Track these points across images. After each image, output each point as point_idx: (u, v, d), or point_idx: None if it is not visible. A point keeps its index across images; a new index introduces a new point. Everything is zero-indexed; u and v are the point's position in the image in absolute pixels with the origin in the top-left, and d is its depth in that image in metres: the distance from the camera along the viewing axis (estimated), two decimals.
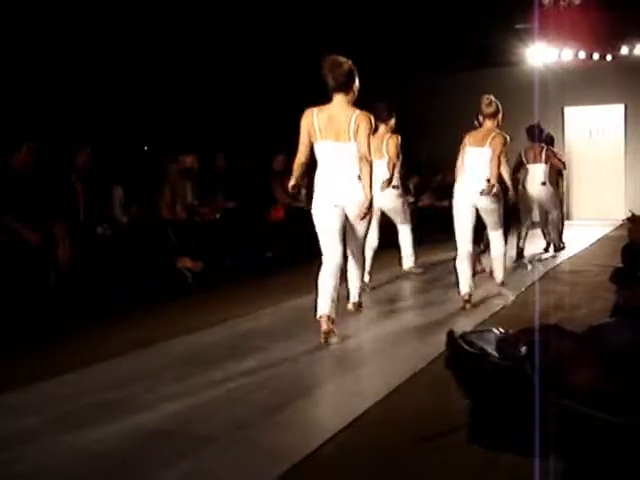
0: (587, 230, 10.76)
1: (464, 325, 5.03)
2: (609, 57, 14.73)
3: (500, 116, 6.53)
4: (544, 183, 9.08)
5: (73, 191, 6.35)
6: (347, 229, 5.21)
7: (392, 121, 7.45)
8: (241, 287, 7.21)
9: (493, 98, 6.58)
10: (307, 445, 2.87)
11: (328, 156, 4.95)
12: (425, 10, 14.46)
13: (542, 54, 14.09)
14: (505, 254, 6.77)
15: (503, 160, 6.54)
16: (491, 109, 6.50)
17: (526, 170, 9.06)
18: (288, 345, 4.67)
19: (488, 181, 6.04)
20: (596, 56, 14.68)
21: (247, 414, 3.32)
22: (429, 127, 13.80)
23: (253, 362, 4.26)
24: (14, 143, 5.87)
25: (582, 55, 14.54)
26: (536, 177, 9.04)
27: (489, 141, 6.28)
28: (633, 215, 3.63)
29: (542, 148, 9.11)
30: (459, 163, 6.42)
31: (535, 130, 9.17)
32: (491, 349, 0.95)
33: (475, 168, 6.26)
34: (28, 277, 5.48)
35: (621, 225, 12.12)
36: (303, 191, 9.96)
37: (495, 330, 1.03)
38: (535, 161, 9.04)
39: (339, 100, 4.93)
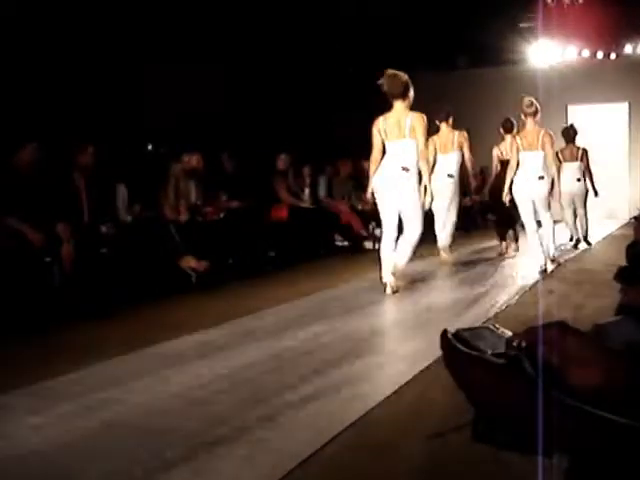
0: (591, 228, 10.73)
1: (466, 322, 5.03)
2: (613, 55, 14.71)
3: (540, 115, 7.73)
4: (579, 180, 10.07)
5: (77, 191, 6.35)
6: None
7: (450, 120, 8.79)
8: (244, 286, 7.22)
9: (533, 99, 7.78)
10: (312, 444, 2.86)
11: (392, 152, 6.43)
12: (427, 8, 14.44)
13: (546, 52, 14.08)
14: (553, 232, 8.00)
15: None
16: (532, 109, 7.74)
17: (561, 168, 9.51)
18: (292, 343, 4.67)
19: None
20: (600, 54, 14.68)
21: (254, 411, 3.31)
22: (432, 126, 13.78)
23: (258, 360, 4.25)
24: (17, 143, 5.86)
25: (586, 53, 14.53)
26: (573, 174, 9.95)
27: (540, 144, 7.67)
28: None
29: (578, 148, 10.09)
30: (512, 163, 7.88)
31: (570, 131, 10.21)
32: (484, 346, 0.94)
33: (531, 168, 7.73)
34: (32, 277, 5.49)
35: (626, 224, 12.12)
36: (307, 190, 10.04)
37: (490, 327, 1.02)
38: (572, 159, 9.98)
39: (398, 106, 6.39)
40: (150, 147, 10.11)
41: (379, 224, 10.73)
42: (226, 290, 7.04)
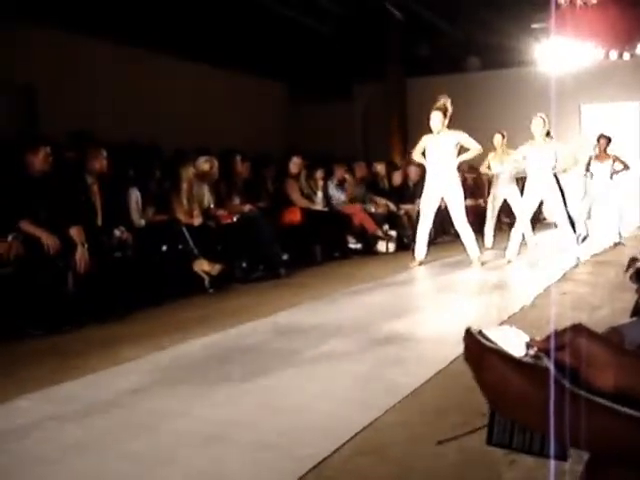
0: (605, 229, 10.71)
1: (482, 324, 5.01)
2: (627, 56, 14.64)
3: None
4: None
5: (90, 194, 6.37)
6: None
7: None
8: (258, 290, 7.22)
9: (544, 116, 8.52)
10: (326, 447, 2.85)
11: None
12: (440, 10, 14.44)
13: (558, 53, 14.02)
14: None
15: None
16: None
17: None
18: (305, 345, 4.66)
19: None
20: (613, 54, 14.60)
21: (266, 414, 3.31)
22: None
23: (273, 364, 4.24)
24: (31, 147, 5.88)
25: (599, 54, 14.46)
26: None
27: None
28: None
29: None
30: None
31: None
32: (505, 346, 0.93)
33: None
34: (46, 281, 5.50)
35: None
36: (319, 193, 10.05)
37: (511, 328, 1.01)
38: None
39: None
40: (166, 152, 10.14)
41: (392, 226, 10.78)
42: (239, 293, 7.06)
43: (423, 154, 8.51)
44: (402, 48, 15.94)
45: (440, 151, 8.29)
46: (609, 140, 10.37)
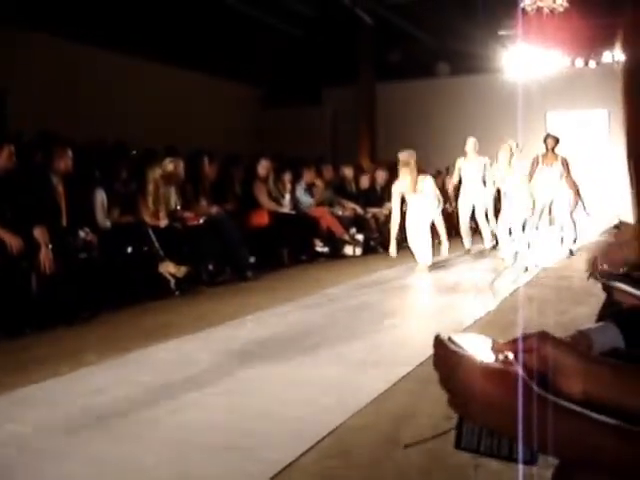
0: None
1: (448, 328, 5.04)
2: (592, 63, 14.83)
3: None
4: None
5: (55, 195, 6.28)
6: None
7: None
8: (224, 293, 7.19)
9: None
10: (293, 450, 2.84)
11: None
12: (410, 14, 14.53)
13: (525, 60, 14.17)
14: None
15: None
16: None
17: None
18: (272, 350, 4.64)
19: None
20: (579, 62, 14.78)
21: (233, 418, 3.29)
22: (407, 133, 13.83)
23: (240, 368, 4.22)
24: None
25: (565, 61, 14.64)
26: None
27: None
28: (620, 222, 3.66)
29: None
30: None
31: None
32: (474, 351, 0.93)
33: None
34: (9, 282, 5.42)
35: (605, 231, 12.18)
36: (287, 196, 10.03)
37: (479, 335, 1.01)
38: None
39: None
40: (134, 152, 10.06)
41: (360, 229, 10.81)
42: (206, 296, 7.01)
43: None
44: (372, 53, 16.01)
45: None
46: (557, 140, 9.99)
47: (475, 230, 10.82)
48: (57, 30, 11.00)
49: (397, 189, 8.56)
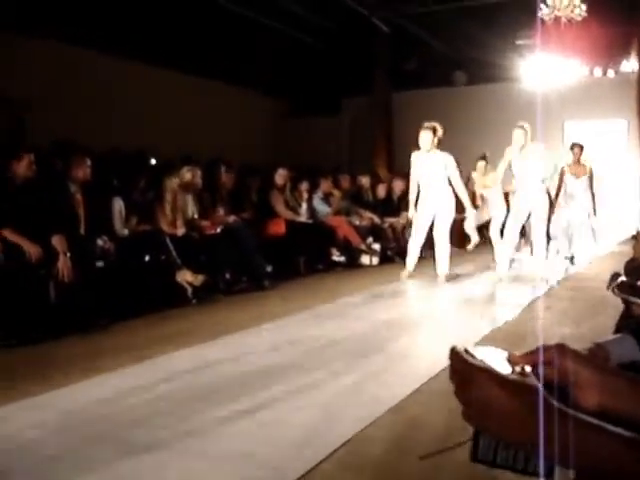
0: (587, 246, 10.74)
1: (465, 338, 5.02)
2: (611, 72, 14.76)
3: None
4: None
5: (73, 203, 6.32)
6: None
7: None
8: (241, 301, 7.20)
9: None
10: (308, 460, 2.83)
11: None
12: (426, 23, 14.54)
13: (543, 69, 14.13)
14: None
15: None
16: None
17: None
18: (285, 359, 4.64)
19: None
20: (597, 72, 14.72)
21: (249, 426, 3.29)
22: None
23: (255, 376, 4.22)
24: (15, 154, 5.84)
25: (583, 70, 14.58)
26: None
27: None
28: (638, 232, 3.64)
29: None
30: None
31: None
32: (491, 363, 0.93)
33: None
34: (28, 290, 5.45)
35: (624, 241, 12.11)
36: (304, 205, 10.04)
37: (495, 348, 1.00)
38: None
39: None
40: (154, 161, 10.11)
41: (376, 239, 10.80)
42: (222, 305, 7.03)
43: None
44: (389, 62, 16.02)
45: (431, 170, 8.32)
46: (582, 148, 9.88)
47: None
48: (75, 39, 11.08)
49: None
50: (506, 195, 10.09)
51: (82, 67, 11.42)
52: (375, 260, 10.52)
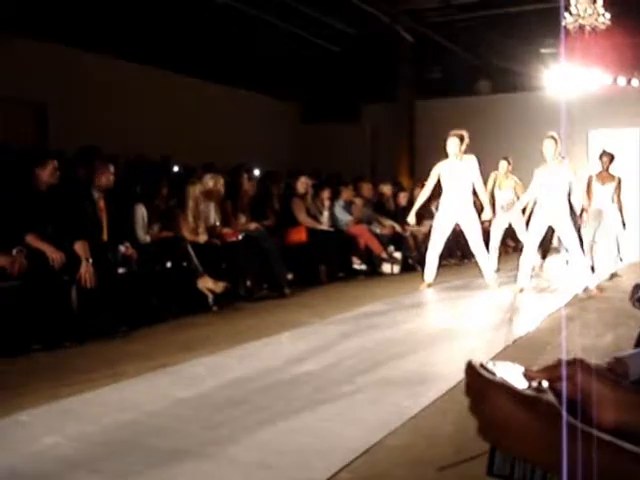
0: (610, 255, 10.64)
1: (488, 349, 5.00)
2: (635, 81, 14.65)
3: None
4: None
5: (96, 210, 6.37)
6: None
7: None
8: (262, 309, 7.21)
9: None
10: (325, 470, 2.83)
11: None
12: (450, 32, 14.53)
13: (567, 78, 14.04)
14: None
15: None
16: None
17: None
18: (307, 368, 4.64)
19: None
20: (622, 80, 14.62)
21: (266, 437, 3.29)
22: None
23: (275, 385, 4.23)
24: (39, 161, 5.90)
25: (607, 79, 14.47)
26: None
27: None
28: None
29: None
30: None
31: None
32: (508, 379, 0.92)
33: None
34: (50, 296, 5.50)
35: None
36: (325, 213, 10.05)
37: (512, 363, 1.00)
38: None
39: None
40: (176, 168, 10.18)
41: (398, 247, 10.78)
42: (243, 312, 7.04)
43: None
44: (412, 70, 16.01)
45: (457, 177, 8.31)
46: (612, 158, 9.64)
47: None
48: (98, 46, 11.19)
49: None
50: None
51: (105, 74, 11.52)
52: (396, 269, 10.50)
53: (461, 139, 8.31)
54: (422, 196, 8.89)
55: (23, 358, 4.99)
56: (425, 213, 11.17)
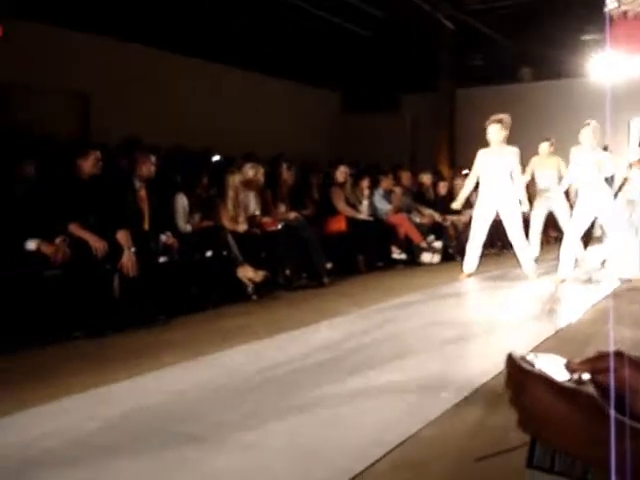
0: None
1: (527, 339, 4.96)
2: None
3: None
4: None
5: (138, 199, 6.44)
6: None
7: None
8: (301, 298, 7.23)
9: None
10: (363, 459, 2.83)
11: None
12: (491, 19, 14.38)
13: (610, 65, 13.80)
14: None
15: None
16: None
17: None
18: (347, 355, 4.64)
19: None
20: None
21: (306, 420, 3.30)
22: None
23: (313, 374, 4.24)
24: (81, 151, 5.98)
25: None
26: None
27: None
28: None
29: None
30: None
31: None
32: (548, 371, 0.91)
33: None
34: (93, 284, 5.57)
35: None
36: (365, 202, 10.03)
37: (553, 355, 0.98)
38: None
39: None
40: (216, 158, 10.22)
41: (438, 237, 10.72)
42: (282, 301, 7.07)
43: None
44: (453, 58, 15.87)
45: (496, 166, 8.21)
46: None
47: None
48: (140, 37, 11.27)
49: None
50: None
51: (147, 65, 11.61)
52: (436, 258, 10.45)
53: (502, 124, 8.19)
54: (469, 183, 8.78)
55: (66, 346, 5.07)
56: (465, 202, 11.09)
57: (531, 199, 10.11)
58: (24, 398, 3.72)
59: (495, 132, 8.20)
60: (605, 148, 8.94)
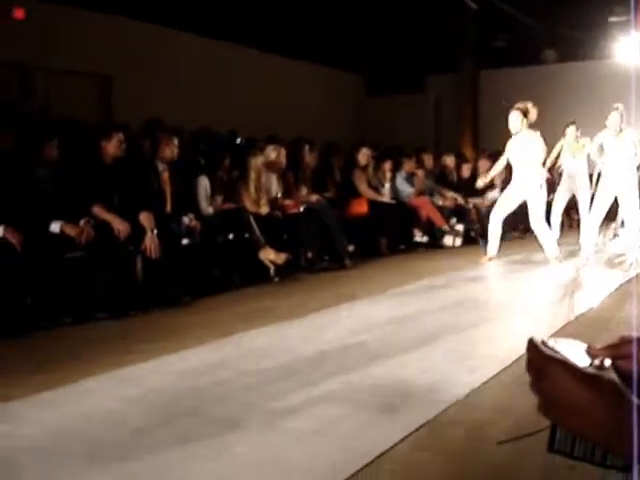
0: None
1: (549, 323, 4.94)
2: None
3: None
4: None
5: (160, 181, 6.46)
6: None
7: None
8: (322, 280, 7.25)
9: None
10: (381, 442, 2.84)
11: None
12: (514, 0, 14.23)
13: (636, 47, 13.62)
14: None
15: None
16: None
17: None
18: (367, 337, 4.65)
19: None
20: None
21: (323, 407, 3.32)
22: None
23: (334, 356, 4.25)
24: (104, 133, 6.01)
25: None
26: None
27: None
28: None
29: None
30: None
31: None
32: (570, 356, 0.91)
33: None
34: (116, 266, 5.62)
35: None
36: (387, 185, 10.00)
37: (574, 340, 0.99)
38: None
39: None
40: (239, 140, 10.22)
41: (460, 220, 10.67)
42: (304, 283, 7.09)
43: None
44: (476, 39, 15.73)
45: (521, 151, 8.13)
46: None
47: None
48: (164, 19, 11.26)
49: None
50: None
51: (170, 48, 11.60)
52: (458, 241, 10.41)
53: (524, 113, 8.10)
54: (499, 164, 8.68)
55: (89, 327, 5.13)
56: (486, 185, 11.02)
57: (553, 182, 10.05)
58: (47, 379, 3.77)
59: (514, 119, 8.11)
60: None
